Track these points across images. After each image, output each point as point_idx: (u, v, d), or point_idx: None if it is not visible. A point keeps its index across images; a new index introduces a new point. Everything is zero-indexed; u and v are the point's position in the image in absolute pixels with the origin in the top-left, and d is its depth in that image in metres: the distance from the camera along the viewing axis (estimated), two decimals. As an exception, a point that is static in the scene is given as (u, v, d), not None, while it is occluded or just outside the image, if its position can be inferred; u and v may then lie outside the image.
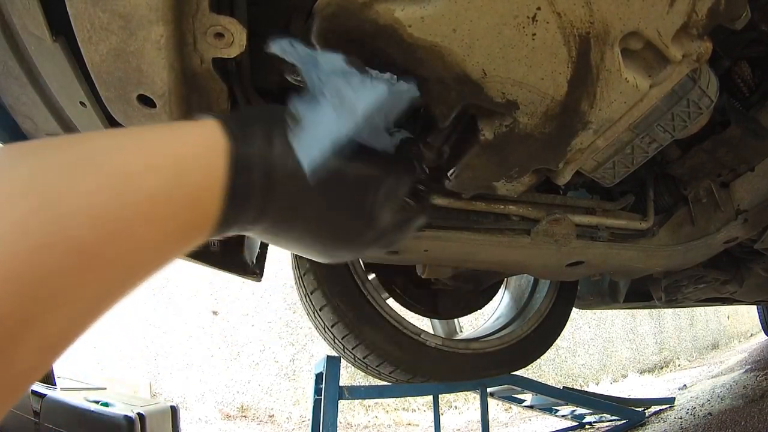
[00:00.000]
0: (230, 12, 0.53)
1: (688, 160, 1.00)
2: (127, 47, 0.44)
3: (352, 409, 3.93)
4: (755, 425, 1.72)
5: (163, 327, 4.06)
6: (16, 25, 0.52)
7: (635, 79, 0.61)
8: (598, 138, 0.69)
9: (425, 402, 4.00)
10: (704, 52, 0.61)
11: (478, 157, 0.68)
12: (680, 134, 0.80)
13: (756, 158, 1.02)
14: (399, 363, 1.47)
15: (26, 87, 0.61)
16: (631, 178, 0.90)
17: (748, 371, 2.84)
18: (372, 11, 0.48)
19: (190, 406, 3.76)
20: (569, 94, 0.59)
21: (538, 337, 1.70)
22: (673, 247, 1.11)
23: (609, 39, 0.55)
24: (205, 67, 0.49)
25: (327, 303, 1.41)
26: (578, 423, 2.51)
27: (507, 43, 0.52)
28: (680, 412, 2.31)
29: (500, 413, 3.99)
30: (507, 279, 1.92)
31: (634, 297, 1.84)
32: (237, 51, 0.47)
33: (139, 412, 1.84)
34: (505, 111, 0.60)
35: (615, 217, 1.05)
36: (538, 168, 0.75)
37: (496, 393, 2.03)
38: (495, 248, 0.97)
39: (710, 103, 0.75)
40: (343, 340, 1.44)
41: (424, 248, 0.94)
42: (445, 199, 0.87)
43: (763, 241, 1.21)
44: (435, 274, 1.24)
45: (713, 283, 1.60)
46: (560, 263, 1.09)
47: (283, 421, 3.86)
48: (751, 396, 2.14)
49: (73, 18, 0.42)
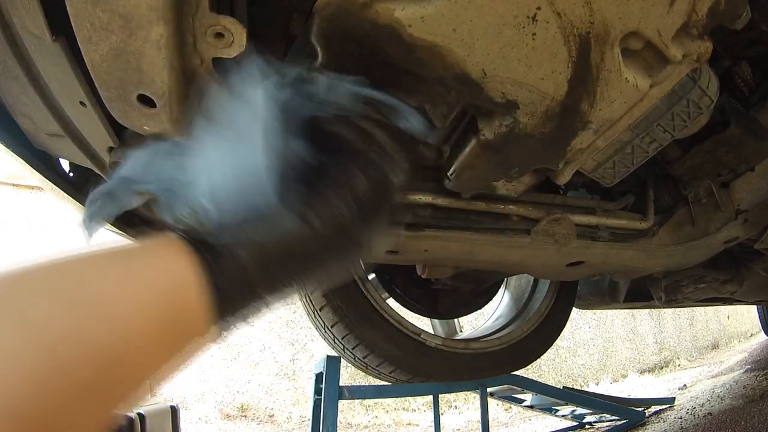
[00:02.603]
0: (230, 12, 0.53)
1: (688, 160, 1.00)
2: (127, 47, 0.44)
3: (352, 409, 3.93)
4: (755, 425, 1.72)
5: (163, 327, 4.05)
6: (16, 25, 0.52)
7: (635, 79, 0.61)
8: (598, 138, 0.69)
9: (425, 402, 4.00)
10: (704, 52, 0.61)
11: (478, 157, 0.68)
12: (680, 134, 0.80)
13: (756, 158, 1.02)
14: (399, 363, 1.47)
15: (26, 87, 0.61)
16: (631, 178, 0.90)
17: (748, 371, 2.84)
18: (372, 11, 0.48)
19: (190, 406, 3.76)
20: (569, 94, 0.59)
21: (538, 337, 1.70)
22: (673, 247, 1.11)
23: (609, 39, 0.55)
24: (205, 67, 0.49)
25: (327, 303, 1.41)
26: (578, 423, 2.51)
27: (507, 43, 0.52)
28: (680, 412, 2.31)
29: (500, 413, 3.99)
30: (507, 279, 1.92)
31: (634, 297, 1.84)
32: (237, 51, 0.47)
33: (139, 412, 1.84)
34: (505, 111, 0.60)
35: (615, 217, 1.05)
36: (538, 168, 0.75)
37: (496, 393, 2.03)
38: (495, 248, 0.97)
39: (710, 103, 0.75)
40: (343, 340, 1.44)
41: (424, 248, 0.94)
42: (445, 198, 0.87)
43: (763, 241, 1.21)
44: (435, 274, 1.24)
45: (713, 283, 1.60)
46: (560, 263, 1.09)
47: (283, 421, 3.86)
48: (751, 396, 2.15)
49: (73, 18, 0.42)
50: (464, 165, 0.71)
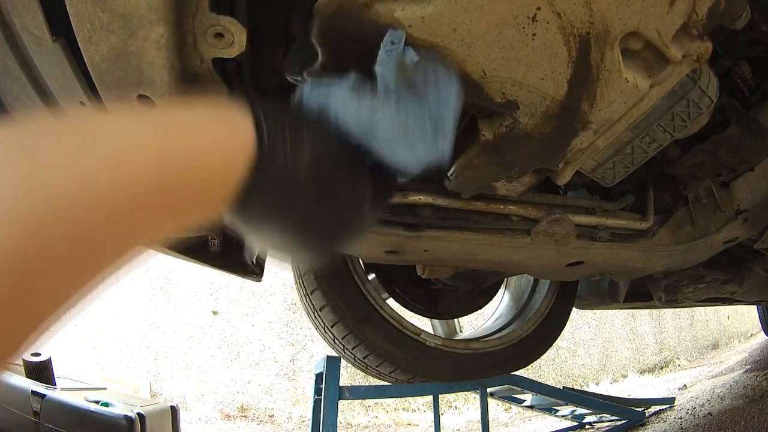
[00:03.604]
0: (230, 12, 0.53)
1: (688, 160, 1.00)
2: (127, 47, 0.44)
3: (352, 409, 3.93)
4: (755, 425, 1.72)
5: (163, 327, 4.05)
6: (16, 25, 0.52)
7: (635, 79, 0.61)
8: (598, 138, 0.69)
9: (425, 402, 4.00)
10: (704, 52, 0.61)
11: (478, 157, 0.68)
12: (680, 134, 0.79)
13: (756, 158, 1.02)
14: (399, 363, 1.47)
15: (26, 87, 0.61)
16: (631, 178, 0.89)
17: (748, 371, 2.84)
18: (372, 11, 0.48)
19: (190, 406, 3.76)
20: (569, 94, 0.59)
21: (538, 337, 1.70)
22: (673, 247, 1.11)
23: (609, 39, 0.55)
24: (205, 67, 0.49)
25: (327, 303, 1.41)
26: (578, 423, 2.51)
27: (507, 44, 0.52)
28: (680, 412, 2.31)
29: (500, 413, 3.99)
30: (507, 279, 1.92)
31: (634, 297, 1.84)
32: (237, 51, 0.47)
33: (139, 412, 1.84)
34: (505, 111, 0.60)
35: (615, 217, 1.04)
36: (538, 168, 0.75)
37: (496, 393, 2.03)
38: (495, 248, 0.97)
39: (710, 103, 0.75)
40: (343, 340, 1.44)
41: (424, 248, 0.94)
42: (445, 199, 0.87)
43: (763, 241, 1.21)
44: (435, 274, 1.24)
45: (713, 283, 1.60)
46: (560, 263, 1.09)
47: (283, 421, 3.86)
48: (751, 396, 2.14)
49: (73, 18, 0.42)
50: (464, 165, 0.71)
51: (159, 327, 4.06)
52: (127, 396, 2.49)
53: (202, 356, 4.00)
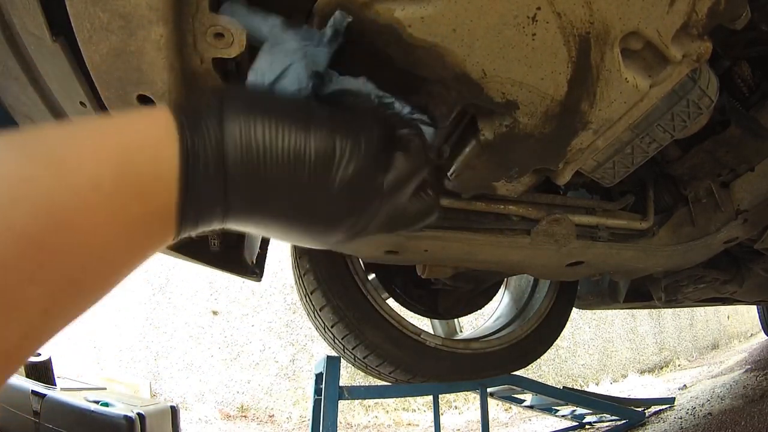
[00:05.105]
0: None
1: (688, 160, 1.00)
2: (127, 47, 0.44)
3: (352, 409, 3.93)
4: (755, 425, 1.72)
5: (163, 327, 4.06)
6: (16, 25, 0.52)
7: (635, 79, 0.61)
8: (598, 138, 0.69)
9: (425, 402, 4.00)
10: (704, 52, 0.61)
11: (478, 157, 0.68)
12: (680, 134, 0.79)
13: (756, 158, 1.02)
14: (399, 363, 1.47)
15: (26, 87, 0.61)
16: (631, 178, 0.89)
17: (748, 371, 2.84)
18: (372, 11, 0.48)
19: (190, 406, 3.76)
20: (569, 94, 0.59)
21: (538, 337, 1.70)
22: (673, 247, 1.11)
23: (609, 39, 0.55)
24: (205, 67, 0.49)
25: (327, 303, 1.41)
26: (578, 423, 2.51)
27: (507, 43, 0.52)
28: (680, 412, 2.31)
29: (500, 413, 3.99)
30: (507, 279, 1.92)
31: (634, 297, 1.84)
32: (237, 51, 0.47)
33: (139, 412, 1.85)
34: (505, 111, 0.60)
35: (615, 217, 1.05)
36: (538, 168, 0.75)
37: (496, 393, 2.03)
38: (495, 248, 0.97)
39: (710, 103, 0.75)
40: (343, 340, 1.44)
41: (424, 248, 0.94)
42: (445, 199, 0.87)
43: (763, 241, 1.21)
44: (435, 274, 1.24)
45: (713, 283, 1.60)
46: (560, 263, 1.09)
47: (283, 421, 3.86)
48: (751, 396, 2.15)
49: (73, 18, 0.42)
50: (464, 165, 0.71)
51: (159, 327, 4.06)
52: (127, 396, 2.49)
53: (202, 356, 4.01)
